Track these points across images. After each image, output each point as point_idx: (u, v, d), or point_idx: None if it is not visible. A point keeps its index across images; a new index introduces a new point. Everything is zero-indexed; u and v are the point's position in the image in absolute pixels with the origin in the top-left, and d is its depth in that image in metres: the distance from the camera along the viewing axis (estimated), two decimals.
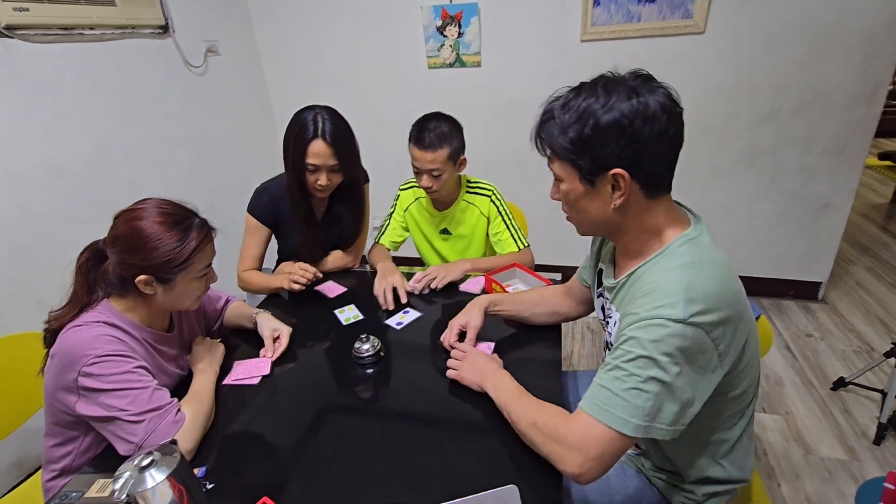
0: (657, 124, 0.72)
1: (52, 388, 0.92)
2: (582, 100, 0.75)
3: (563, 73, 2.38)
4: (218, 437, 0.97)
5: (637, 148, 0.73)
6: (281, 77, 2.81)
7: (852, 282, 2.71)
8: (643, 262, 0.81)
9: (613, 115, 0.72)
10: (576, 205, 0.83)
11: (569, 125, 0.75)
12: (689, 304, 0.69)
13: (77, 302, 0.96)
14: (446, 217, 1.64)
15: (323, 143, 1.37)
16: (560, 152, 0.78)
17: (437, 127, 1.43)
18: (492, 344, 1.15)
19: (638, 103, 0.71)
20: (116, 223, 0.95)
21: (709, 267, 0.74)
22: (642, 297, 0.74)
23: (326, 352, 1.22)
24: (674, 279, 0.72)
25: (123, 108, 1.99)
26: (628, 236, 0.83)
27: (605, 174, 0.75)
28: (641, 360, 0.70)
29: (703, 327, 0.69)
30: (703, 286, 0.71)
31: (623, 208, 0.78)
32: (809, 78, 2.14)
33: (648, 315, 0.71)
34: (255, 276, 1.54)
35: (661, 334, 0.69)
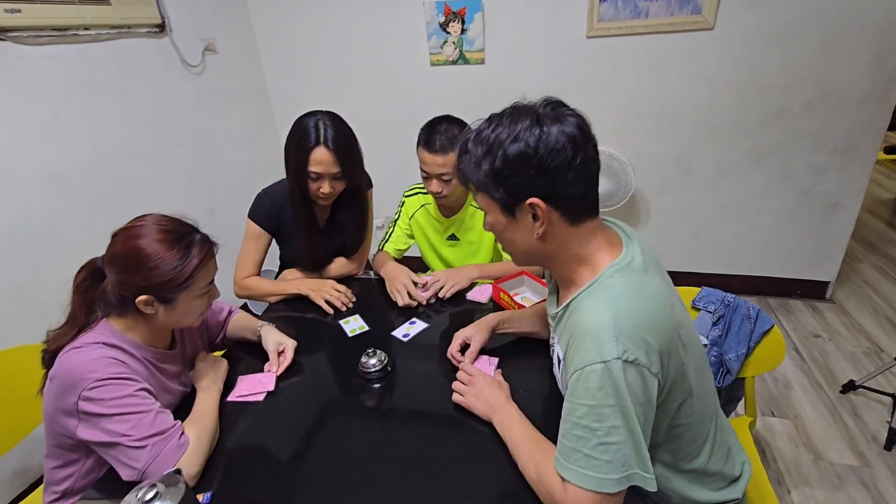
0: (562, 154, 0.71)
1: (52, 412, 0.89)
2: (491, 131, 0.75)
3: (569, 69, 2.33)
4: (223, 457, 0.95)
5: (548, 177, 0.72)
6: (281, 75, 2.76)
7: (860, 280, 2.68)
8: (577, 292, 0.79)
9: (519, 147, 0.72)
10: (502, 236, 0.83)
11: (481, 158, 0.76)
12: (619, 340, 0.68)
13: (75, 322, 0.93)
14: (454, 223, 1.61)
15: (325, 150, 1.34)
16: (478, 185, 0.78)
17: (447, 130, 1.40)
18: (495, 360, 1.12)
19: (541, 133, 0.71)
20: (114, 242, 0.92)
21: (636, 296, 0.73)
22: (579, 341, 0.73)
23: (332, 365, 1.20)
24: (602, 317, 0.71)
25: (121, 109, 1.95)
26: (558, 264, 0.82)
27: (522, 204, 0.75)
28: (595, 412, 0.69)
29: (638, 363, 0.68)
30: (631, 318, 0.70)
31: (547, 237, 0.78)
32: (820, 75, 2.09)
33: (588, 361, 0.70)
34: (260, 283, 1.51)
35: (604, 379, 0.68)
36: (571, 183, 0.73)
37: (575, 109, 0.76)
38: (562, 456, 0.74)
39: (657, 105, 2.29)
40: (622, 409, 0.68)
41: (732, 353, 1.19)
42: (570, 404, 0.73)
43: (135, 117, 2.00)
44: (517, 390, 1.03)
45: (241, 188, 2.64)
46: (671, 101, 2.28)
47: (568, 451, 0.72)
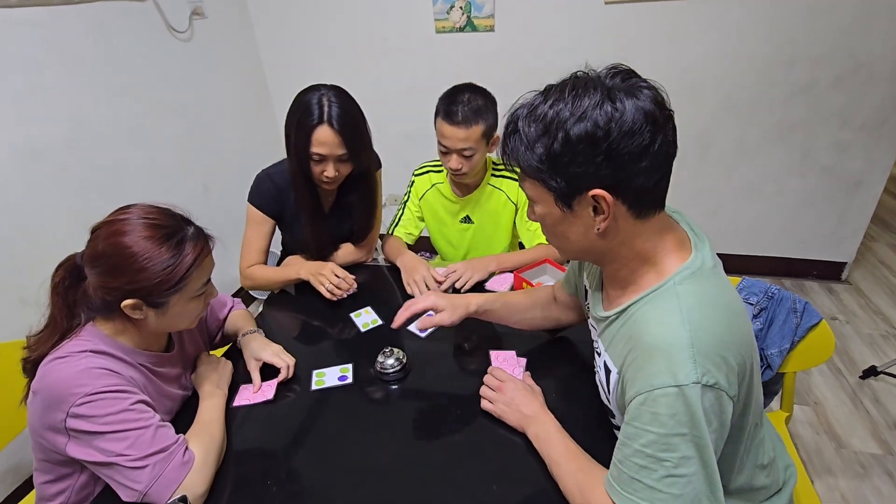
0: (638, 138, 0.60)
1: (38, 427, 0.80)
2: (548, 106, 0.63)
3: (585, 38, 2.18)
4: (231, 471, 0.86)
5: (617, 164, 0.61)
6: (274, 41, 2.57)
7: (875, 260, 2.62)
8: (637, 296, 0.70)
9: (585, 127, 0.60)
10: (554, 230, 0.72)
11: (535, 139, 0.64)
12: (698, 361, 0.59)
13: (56, 328, 0.82)
14: (468, 203, 1.49)
15: (329, 129, 1.20)
16: (529, 171, 0.67)
17: (471, 100, 1.27)
18: (523, 360, 1.04)
19: (613, 110, 0.59)
20: (95, 238, 0.80)
21: (713, 308, 0.64)
22: (645, 358, 0.64)
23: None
24: (676, 333, 0.61)
25: (102, 79, 1.78)
26: (617, 263, 0.72)
27: (583, 195, 0.64)
28: (664, 441, 0.60)
29: (718, 387, 0.60)
30: (711, 335, 0.61)
31: (608, 233, 0.67)
32: (852, 46, 1.97)
33: (658, 384, 0.60)
34: (263, 271, 1.41)
35: (678, 406, 0.59)
36: (645, 171, 0.62)
37: (649, 80, 0.63)
38: (618, 483, 0.65)
39: (676, 78, 2.16)
40: (697, 440, 0.59)
41: (775, 347, 1.11)
42: (631, 429, 0.64)
43: (117, 89, 1.84)
44: (548, 394, 0.95)
45: (236, 163, 2.50)
46: (691, 74, 2.15)
47: (626, 480, 0.64)
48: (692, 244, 0.70)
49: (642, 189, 0.63)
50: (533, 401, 0.88)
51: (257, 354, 1.04)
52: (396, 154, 2.72)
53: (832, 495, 1.49)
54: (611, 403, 0.78)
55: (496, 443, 0.87)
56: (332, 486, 0.83)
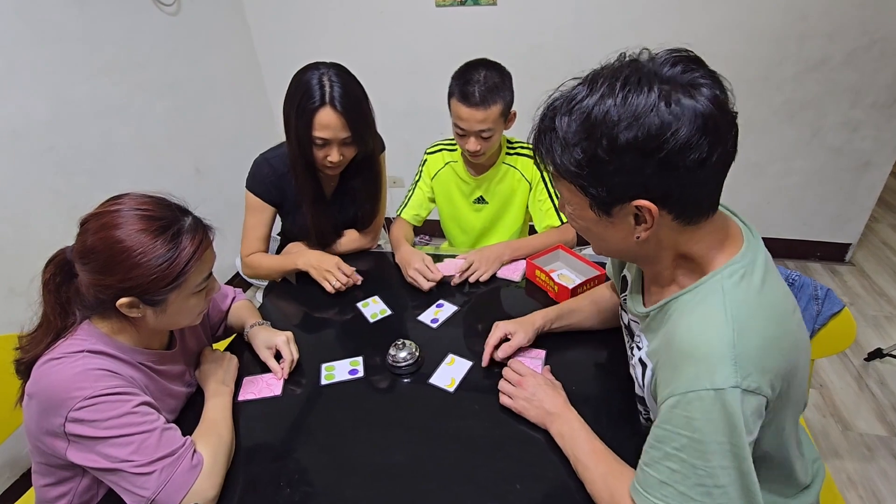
0: (695, 152, 0.52)
1: (36, 431, 0.75)
2: (594, 102, 0.55)
3: (591, 12, 2.10)
4: (240, 470, 0.83)
5: (669, 177, 0.54)
6: (265, 12, 2.43)
7: (878, 241, 2.61)
8: (678, 292, 0.65)
9: (636, 134, 0.52)
10: (588, 231, 0.67)
11: (575, 141, 0.56)
12: (739, 364, 0.55)
13: (50, 327, 0.77)
14: (483, 183, 1.44)
15: (332, 111, 1.13)
16: (564, 174, 0.60)
17: (488, 78, 1.20)
18: (542, 353, 1.00)
19: (669, 115, 0.52)
20: (84, 232, 0.74)
21: (761, 309, 0.58)
22: (680, 359, 0.59)
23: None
24: (716, 332, 0.57)
25: (84, 55, 1.68)
26: (659, 265, 0.67)
27: (626, 205, 0.58)
28: (698, 448, 0.56)
29: (759, 392, 0.55)
30: (757, 338, 0.56)
31: (649, 240, 0.61)
32: (868, 21, 1.90)
33: (693, 387, 0.56)
34: (263, 260, 1.35)
35: (714, 411, 0.55)
36: (699, 183, 0.55)
37: (714, 73, 0.55)
38: (645, 487, 0.62)
39: None
40: (734, 448, 0.55)
41: None
42: (662, 431, 0.60)
43: (100, 65, 1.74)
44: (569, 388, 0.92)
45: (228, 143, 2.41)
46: (698, 47, 2.00)
47: (655, 484, 0.60)
48: (744, 238, 0.64)
49: (694, 200, 0.57)
50: (556, 396, 0.85)
51: (269, 342, 1.01)
52: (395, 134, 2.63)
53: (839, 477, 1.50)
54: (646, 396, 0.75)
55: (517, 439, 0.84)
56: (347, 486, 0.80)
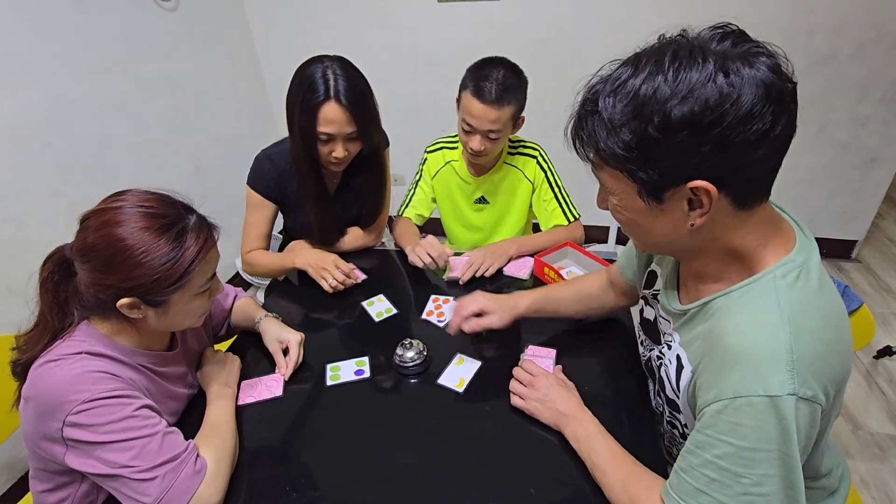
0: (758, 122, 0.49)
1: (33, 436, 0.72)
2: (641, 80, 0.51)
3: (594, 5, 2.07)
4: (244, 472, 0.80)
5: (729, 154, 0.50)
6: (264, 8, 2.40)
7: (884, 238, 2.59)
8: (724, 290, 0.61)
9: (691, 108, 0.49)
10: (632, 225, 0.62)
11: (622, 122, 0.52)
12: (797, 370, 0.51)
13: (47, 327, 0.74)
14: (484, 183, 1.41)
15: (337, 105, 1.10)
16: (610, 159, 0.56)
17: (505, 78, 1.16)
18: (553, 352, 0.97)
19: (728, 86, 0.48)
20: (85, 229, 0.71)
21: (819, 311, 0.55)
22: (729, 361, 0.55)
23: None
24: (773, 337, 0.53)
25: (83, 52, 1.65)
26: (705, 258, 0.63)
27: (680, 188, 0.53)
28: (745, 456, 0.53)
29: (815, 400, 0.52)
30: (814, 343, 0.53)
31: (703, 228, 0.57)
32: (876, 15, 1.88)
33: (744, 392, 0.53)
34: (263, 257, 1.32)
35: (766, 418, 0.52)
36: (760, 160, 0.51)
37: (765, 44, 0.52)
38: (679, 493, 0.59)
39: None
40: (784, 456, 0.52)
41: None
42: (703, 437, 0.57)
43: (99, 62, 1.71)
44: (582, 388, 0.89)
45: (228, 141, 2.38)
46: None
47: (691, 492, 0.58)
48: (796, 237, 0.60)
49: (753, 180, 0.53)
50: (570, 398, 0.82)
51: (282, 337, 0.99)
52: (397, 132, 2.59)
53: (851, 478, 1.47)
54: (679, 400, 0.71)
55: (529, 441, 0.82)
56: (354, 490, 0.77)
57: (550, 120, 2.32)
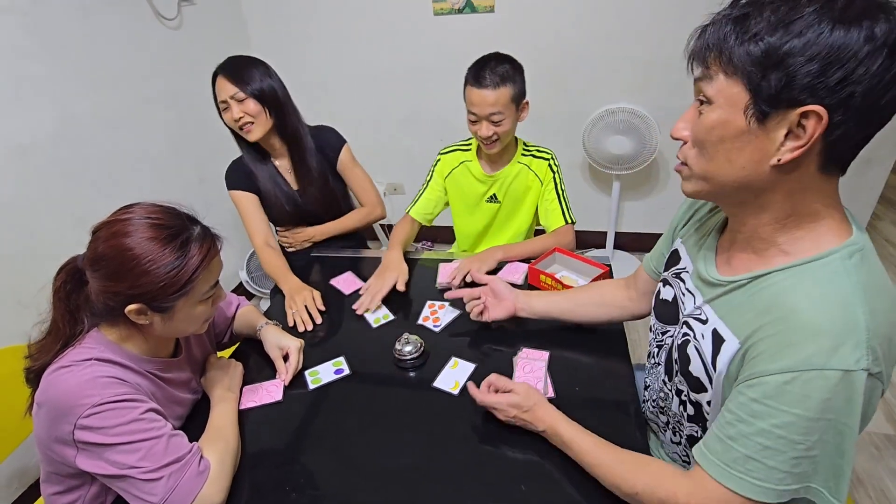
0: None
1: (45, 439, 0.76)
2: (805, 6, 0.51)
3: (589, 16, 2.11)
4: (247, 475, 0.84)
5: (860, 89, 0.50)
6: (265, 25, 2.47)
7: (881, 239, 2.61)
8: (784, 264, 0.61)
9: (850, 34, 0.49)
10: (718, 146, 0.59)
11: (766, 29, 0.52)
12: (871, 350, 0.53)
13: (59, 334, 0.78)
14: (497, 181, 1.47)
15: (223, 77, 1.34)
16: (736, 62, 0.54)
17: (498, 65, 1.26)
18: (546, 354, 1.00)
19: (890, 32, 0.49)
20: (95, 240, 0.76)
21: (888, 294, 0.57)
22: (797, 332, 0.56)
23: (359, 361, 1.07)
24: (852, 314, 0.54)
25: (89, 70, 1.71)
26: (767, 215, 0.61)
27: (791, 111, 0.53)
28: (807, 425, 0.55)
29: (880, 378, 0.55)
30: (887, 323, 0.55)
31: (785, 170, 0.56)
32: None
33: (816, 364, 0.54)
34: (271, 259, 1.41)
35: (837, 391, 0.53)
36: (878, 111, 0.52)
37: None
38: (726, 461, 0.60)
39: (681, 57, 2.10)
40: (843, 427, 0.55)
41: None
42: (764, 407, 0.57)
43: (105, 79, 1.77)
44: (573, 388, 0.92)
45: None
46: None
47: (741, 459, 0.59)
48: (853, 226, 0.62)
49: (853, 134, 0.54)
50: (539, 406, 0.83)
51: (282, 344, 1.03)
52: (396, 141, 2.66)
53: None
54: (713, 375, 0.69)
55: (522, 440, 0.84)
56: (353, 490, 0.81)
57: (547, 128, 2.38)
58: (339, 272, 1.39)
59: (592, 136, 2.19)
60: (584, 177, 2.54)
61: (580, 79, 2.25)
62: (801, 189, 0.59)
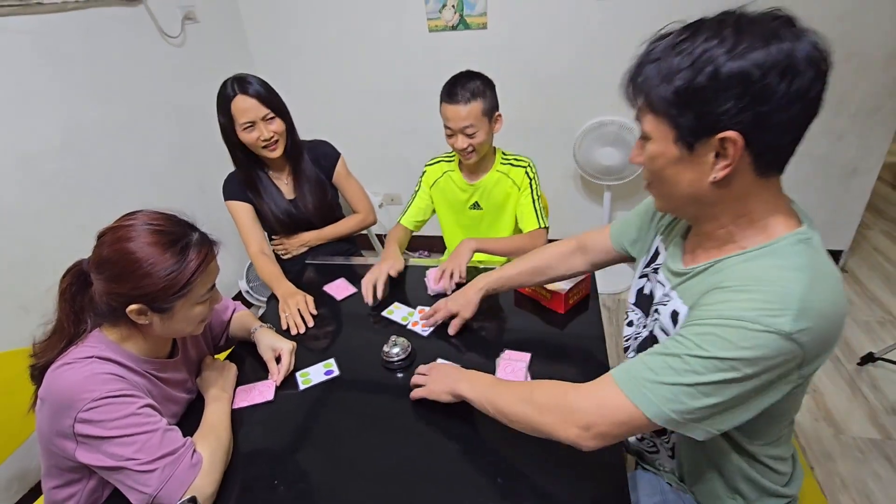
0: (799, 80, 0.56)
1: (47, 433, 0.80)
2: (701, 42, 0.58)
3: (578, 32, 2.19)
4: (238, 471, 0.88)
5: (763, 109, 0.57)
6: (266, 43, 2.56)
7: (870, 248, 2.64)
8: (734, 253, 0.67)
9: (741, 65, 0.56)
10: (662, 172, 0.67)
11: (676, 71, 0.59)
12: (800, 317, 0.57)
13: (63, 334, 0.83)
14: (478, 189, 1.54)
15: (248, 99, 1.37)
16: (657, 104, 0.62)
17: (468, 81, 1.35)
18: (527, 356, 1.04)
19: (779, 51, 0.56)
20: (101, 244, 0.81)
21: (828, 280, 0.61)
22: (738, 292, 0.62)
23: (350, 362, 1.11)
24: (788, 282, 0.59)
25: (94, 85, 1.78)
26: (720, 220, 0.68)
27: (711, 138, 0.60)
28: (716, 363, 0.60)
29: (804, 346, 0.58)
30: (821, 302, 0.59)
31: (724, 184, 0.63)
32: (845, 35, 1.97)
33: (745, 315, 0.59)
34: (265, 266, 1.47)
35: (756, 343, 0.58)
36: (786, 124, 0.58)
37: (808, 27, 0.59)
38: (628, 369, 0.67)
39: None
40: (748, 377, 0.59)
41: None
42: (686, 340, 0.62)
43: (110, 94, 1.84)
44: None
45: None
46: None
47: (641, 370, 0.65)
48: (803, 220, 0.68)
49: (774, 144, 0.60)
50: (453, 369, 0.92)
51: (275, 346, 1.07)
52: (393, 152, 2.73)
53: (832, 480, 1.51)
54: None
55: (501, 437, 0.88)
56: (339, 484, 0.84)
57: (538, 140, 2.44)
58: (332, 279, 1.43)
59: (583, 147, 2.25)
60: (577, 187, 2.59)
61: (570, 92, 2.31)
62: (745, 195, 0.65)
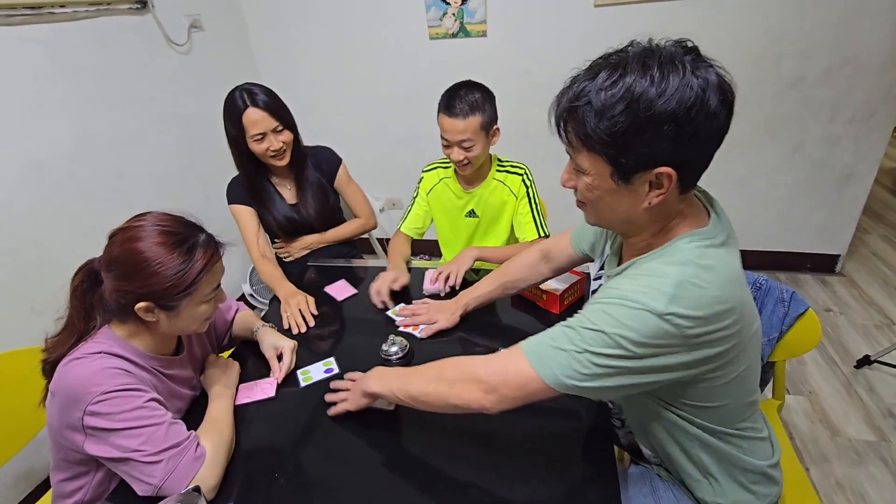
0: (716, 120, 0.62)
1: (57, 426, 0.84)
2: (630, 80, 0.61)
3: (576, 41, 2.23)
4: (241, 464, 0.90)
5: (693, 143, 0.62)
6: (271, 51, 2.61)
7: (868, 252, 2.65)
8: (644, 255, 0.74)
9: (671, 106, 0.60)
10: (599, 202, 0.73)
11: (612, 113, 0.62)
12: (672, 301, 0.63)
13: (73, 330, 0.86)
14: (474, 198, 1.54)
15: (259, 112, 1.40)
16: (594, 144, 0.65)
17: (468, 94, 1.34)
18: None
19: (700, 91, 0.60)
20: (111, 244, 0.84)
21: (712, 272, 0.66)
22: (629, 279, 0.70)
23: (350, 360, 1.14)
24: (669, 273, 0.66)
25: (103, 92, 1.83)
26: (645, 233, 0.75)
27: (648, 172, 0.65)
28: (601, 336, 0.66)
29: (681, 329, 0.64)
30: (698, 290, 0.64)
31: (656, 207, 0.69)
32: (840, 41, 2.01)
33: (628, 296, 0.66)
34: (266, 268, 1.50)
35: (633, 319, 0.65)
36: (709, 152, 0.65)
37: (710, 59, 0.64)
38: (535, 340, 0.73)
39: None
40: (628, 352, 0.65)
41: (764, 337, 1.14)
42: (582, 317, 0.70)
43: (119, 101, 1.89)
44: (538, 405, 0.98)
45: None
46: None
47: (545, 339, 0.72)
48: (711, 219, 0.73)
49: (698, 169, 0.67)
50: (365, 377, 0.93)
51: (277, 345, 1.10)
52: (393, 158, 2.77)
53: (828, 482, 1.52)
54: None
55: (493, 433, 0.91)
56: (337, 477, 0.87)
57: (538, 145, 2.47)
58: (333, 280, 1.46)
59: None
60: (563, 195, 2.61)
61: None
62: (667, 212, 0.72)
